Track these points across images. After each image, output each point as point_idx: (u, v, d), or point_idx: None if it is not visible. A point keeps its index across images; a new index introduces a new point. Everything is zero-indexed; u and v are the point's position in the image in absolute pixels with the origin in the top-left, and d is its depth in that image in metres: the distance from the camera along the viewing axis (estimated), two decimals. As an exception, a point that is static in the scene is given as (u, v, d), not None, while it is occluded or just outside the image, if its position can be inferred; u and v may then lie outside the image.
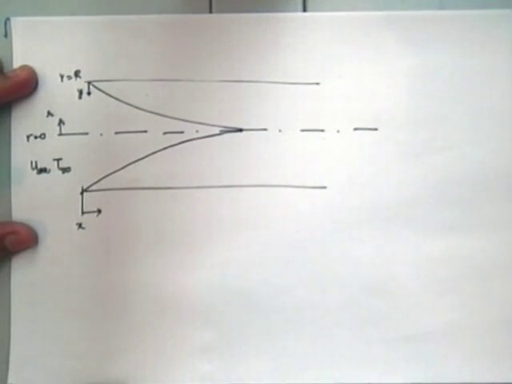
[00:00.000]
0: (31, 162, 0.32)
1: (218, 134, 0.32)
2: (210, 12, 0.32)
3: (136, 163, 0.32)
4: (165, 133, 0.32)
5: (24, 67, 0.32)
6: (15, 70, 0.31)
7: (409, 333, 0.31)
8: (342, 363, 0.31)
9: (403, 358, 0.31)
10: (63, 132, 0.32)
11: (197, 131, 0.32)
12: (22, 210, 0.31)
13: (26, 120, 0.32)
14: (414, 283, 0.31)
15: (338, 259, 0.31)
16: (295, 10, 0.32)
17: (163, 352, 0.31)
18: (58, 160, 0.32)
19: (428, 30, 0.32)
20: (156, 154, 0.32)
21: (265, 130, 0.32)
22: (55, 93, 0.32)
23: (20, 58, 0.32)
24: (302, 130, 0.32)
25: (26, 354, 0.31)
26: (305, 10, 0.33)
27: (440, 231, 0.31)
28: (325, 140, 0.32)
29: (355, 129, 0.32)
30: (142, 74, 0.32)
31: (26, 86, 0.31)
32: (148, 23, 0.32)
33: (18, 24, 0.32)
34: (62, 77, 0.32)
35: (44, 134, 0.32)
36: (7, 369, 0.31)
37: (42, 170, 0.32)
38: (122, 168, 0.32)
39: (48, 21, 0.32)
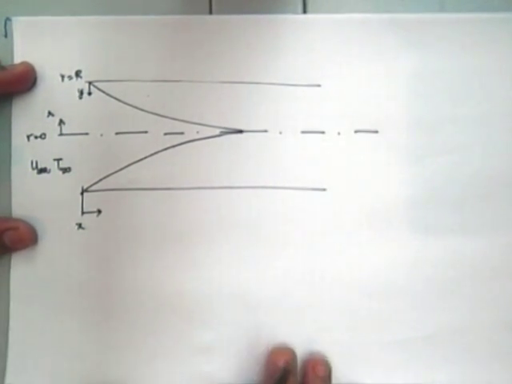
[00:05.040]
0: (31, 162, 0.32)
1: (219, 135, 0.32)
2: (210, 13, 0.32)
3: (136, 164, 0.32)
4: (165, 133, 0.32)
5: (22, 62, 0.32)
6: (13, 64, 0.32)
7: (408, 335, 0.31)
8: (341, 365, 0.31)
9: (403, 360, 0.31)
10: (63, 132, 0.32)
11: (197, 132, 0.32)
12: (22, 209, 0.31)
13: (26, 120, 0.32)
14: (414, 286, 0.31)
15: (338, 261, 0.31)
16: (295, 12, 0.32)
17: (162, 352, 0.31)
18: (59, 160, 0.32)
19: (429, 32, 0.32)
20: (156, 155, 0.32)
21: (265, 131, 0.32)
22: (56, 93, 0.32)
23: (20, 57, 0.32)
24: (303, 132, 0.32)
25: (24, 353, 0.31)
26: (305, 11, 0.33)
27: (440, 233, 0.31)
28: (325, 142, 0.32)
29: (356, 131, 0.32)
30: (143, 74, 0.32)
31: (23, 78, 0.31)
32: (149, 24, 0.32)
33: (19, 24, 0.32)
34: (62, 77, 0.32)
35: (44, 134, 0.32)
36: (5, 369, 0.31)
37: (43, 170, 0.32)
38: (123, 168, 0.32)
39: (49, 21, 0.32)
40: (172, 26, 0.32)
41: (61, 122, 0.32)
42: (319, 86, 0.32)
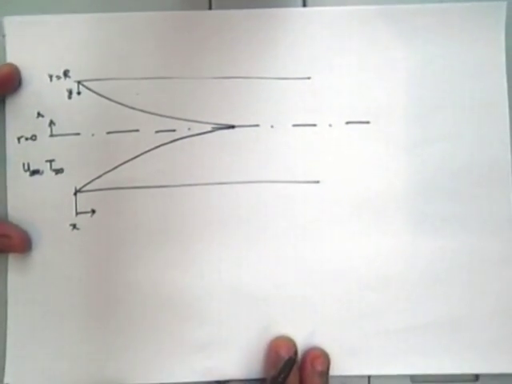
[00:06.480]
0: (23, 164, 0.31)
1: (210, 131, 0.32)
2: (210, 8, 0.32)
3: (129, 162, 0.32)
4: (157, 131, 0.32)
5: (6, 64, 0.31)
6: None
7: (406, 325, 0.31)
8: (340, 356, 0.31)
9: (402, 349, 0.31)
10: (54, 133, 0.32)
11: (189, 129, 0.32)
12: (16, 212, 0.31)
13: (16, 122, 0.32)
14: (410, 275, 0.31)
15: (333, 253, 0.31)
16: (295, 5, 0.32)
17: (162, 349, 0.31)
18: (51, 161, 0.31)
19: (419, 22, 0.32)
20: (148, 153, 0.32)
21: (257, 125, 0.32)
22: (45, 93, 0.32)
23: (11, 57, 0.32)
24: (294, 125, 0.32)
25: (22, 354, 0.31)
26: (305, 4, 0.32)
27: (433, 223, 0.31)
28: (317, 134, 0.32)
29: (347, 122, 0.32)
30: (133, 72, 0.32)
31: (6, 80, 0.31)
32: (138, 21, 0.32)
33: (10, 23, 0.32)
34: (50, 77, 0.32)
35: (35, 136, 0.32)
36: (3, 368, 0.31)
37: (35, 172, 0.31)
38: (115, 168, 0.31)
39: (37, 20, 0.32)
40: (162, 22, 0.32)
41: (51, 122, 0.32)
42: (309, 78, 0.32)
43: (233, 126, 0.32)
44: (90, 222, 0.31)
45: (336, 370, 0.31)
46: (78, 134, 0.32)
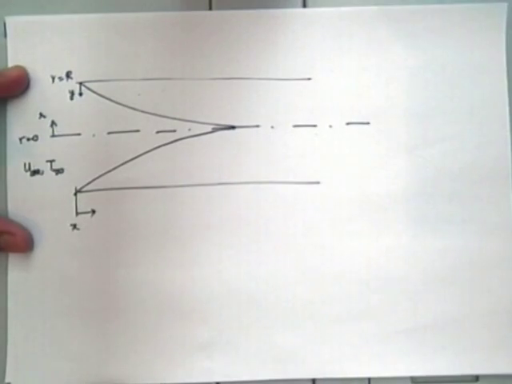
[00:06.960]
0: (24, 164, 0.32)
1: (211, 132, 0.32)
2: (210, 9, 0.32)
3: (129, 163, 0.32)
4: (157, 132, 0.32)
5: (16, 66, 0.32)
6: (7, 68, 0.31)
7: (407, 326, 0.31)
8: (340, 358, 0.31)
9: (402, 351, 0.31)
10: (56, 133, 0.32)
11: (189, 129, 0.32)
12: (16, 212, 0.31)
13: (18, 122, 0.32)
14: (410, 276, 0.31)
15: (334, 254, 0.31)
16: (295, 6, 0.32)
17: (162, 350, 0.31)
18: (51, 161, 0.32)
19: (419, 23, 0.32)
20: (149, 153, 0.32)
21: (257, 126, 0.32)
22: (47, 94, 0.32)
23: (13, 58, 0.32)
24: (295, 126, 0.32)
25: (23, 353, 0.31)
26: (305, 5, 0.32)
27: (434, 224, 0.31)
28: (317, 135, 0.32)
29: (347, 123, 0.32)
30: (134, 73, 0.32)
31: (17, 83, 0.31)
32: (140, 22, 0.32)
33: (12, 24, 0.32)
34: (53, 78, 0.32)
35: (37, 136, 0.32)
36: (4, 367, 0.31)
37: (36, 172, 0.32)
38: (116, 168, 0.32)
39: (39, 20, 0.32)
40: (164, 23, 0.32)
41: (53, 123, 0.32)
42: (310, 79, 0.32)
43: (233, 127, 0.32)
44: (90, 222, 0.31)
45: (336, 372, 0.31)
46: (79, 134, 0.32)
